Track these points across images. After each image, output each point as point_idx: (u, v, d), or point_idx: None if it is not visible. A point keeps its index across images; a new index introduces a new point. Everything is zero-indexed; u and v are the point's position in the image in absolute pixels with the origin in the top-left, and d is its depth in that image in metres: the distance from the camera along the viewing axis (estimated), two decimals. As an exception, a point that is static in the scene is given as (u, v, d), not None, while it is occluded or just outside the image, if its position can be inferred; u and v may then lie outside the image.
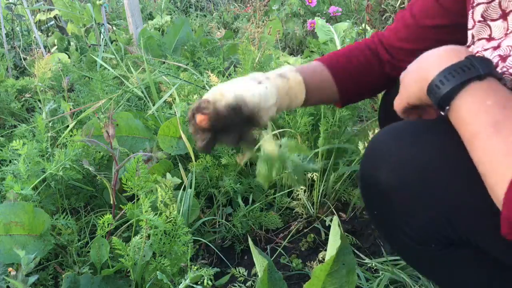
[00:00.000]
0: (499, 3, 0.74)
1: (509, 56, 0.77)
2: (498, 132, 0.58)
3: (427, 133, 0.72)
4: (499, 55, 0.77)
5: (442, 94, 0.64)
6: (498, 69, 0.74)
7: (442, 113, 0.66)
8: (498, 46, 0.78)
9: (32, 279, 0.95)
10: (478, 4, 0.77)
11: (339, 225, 0.80)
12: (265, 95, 0.77)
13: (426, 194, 0.69)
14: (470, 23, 0.79)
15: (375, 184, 0.75)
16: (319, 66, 0.94)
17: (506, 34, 0.74)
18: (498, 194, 0.58)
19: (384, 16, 3.14)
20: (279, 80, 0.82)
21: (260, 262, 0.93)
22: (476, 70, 0.62)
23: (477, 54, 0.80)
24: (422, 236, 0.73)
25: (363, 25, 2.22)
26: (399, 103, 0.75)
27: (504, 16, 0.74)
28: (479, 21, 0.78)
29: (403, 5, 3.07)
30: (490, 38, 0.77)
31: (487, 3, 0.76)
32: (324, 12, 3.43)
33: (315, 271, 0.79)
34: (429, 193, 0.69)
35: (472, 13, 0.78)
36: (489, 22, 0.76)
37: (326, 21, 3.06)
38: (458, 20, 0.83)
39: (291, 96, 0.85)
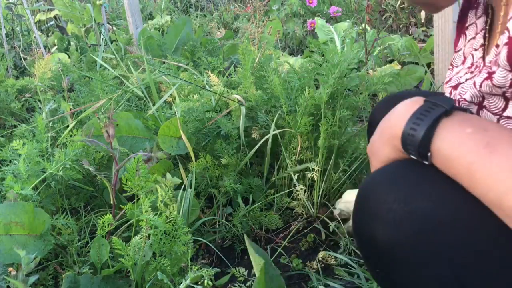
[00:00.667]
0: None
1: (459, 83, 0.79)
2: (494, 151, 0.55)
3: (424, 181, 0.65)
4: (451, 86, 0.79)
5: (419, 140, 0.60)
6: (453, 97, 0.76)
7: (426, 162, 0.61)
8: (449, 80, 0.80)
9: (32, 279, 0.95)
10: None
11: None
12: None
13: (428, 253, 0.62)
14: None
15: (372, 242, 0.67)
16: None
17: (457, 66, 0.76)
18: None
19: (384, 16, 3.14)
20: None
21: (257, 262, 0.92)
22: (441, 107, 0.61)
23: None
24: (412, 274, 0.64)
25: (363, 25, 2.22)
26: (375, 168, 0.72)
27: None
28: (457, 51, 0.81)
29: (403, 5, 3.07)
30: (453, 67, 0.80)
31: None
32: (324, 12, 3.43)
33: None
34: (431, 252, 0.62)
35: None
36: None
37: (326, 21, 3.07)
38: None
39: None
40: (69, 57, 2.66)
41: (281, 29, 3.11)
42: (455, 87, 0.79)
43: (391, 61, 2.63)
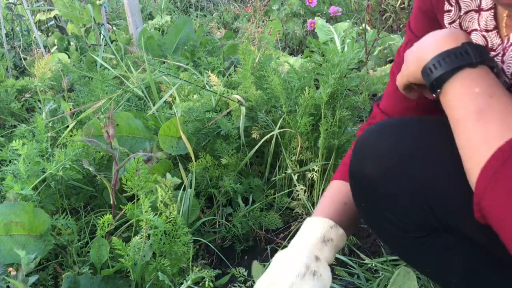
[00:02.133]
0: (460, 24, 0.77)
1: None
2: (479, 120, 0.61)
3: (408, 127, 0.76)
4: None
5: (434, 78, 0.66)
6: None
7: (434, 95, 0.68)
8: None
9: (32, 279, 0.95)
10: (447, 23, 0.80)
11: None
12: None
13: (407, 182, 0.72)
14: None
15: (361, 177, 0.78)
16: (342, 185, 0.92)
17: None
18: (472, 179, 0.60)
19: (384, 16, 3.14)
20: (326, 251, 0.82)
21: (257, 270, 0.92)
22: (469, 57, 0.64)
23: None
24: (406, 224, 0.76)
25: (363, 25, 2.22)
26: (400, 80, 0.77)
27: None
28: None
29: (403, 5, 3.07)
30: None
31: (449, 24, 0.79)
32: (324, 12, 3.43)
33: None
34: (409, 181, 0.72)
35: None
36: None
37: (326, 21, 3.06)
38: None
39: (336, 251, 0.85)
40: (69, 57, 2.65)
41: (281, 29, 3.11)
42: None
43: (391, 61, 2.63)
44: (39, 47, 2.66)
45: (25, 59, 2.72)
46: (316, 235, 0.83)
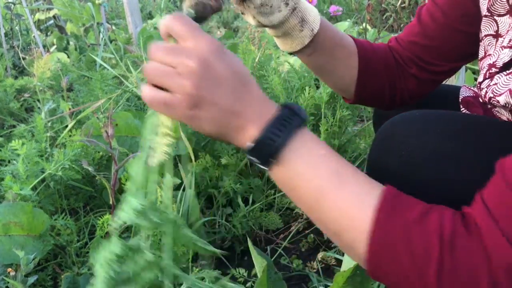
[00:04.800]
0: None
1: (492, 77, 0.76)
2: (343, 182, 0.55)
3: (436, 122, 0.72)
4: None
5: (276, 148, 0.55)
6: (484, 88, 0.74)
7: (264, 167, 0.58)
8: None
9: (32, 279, 0.95)
10: None
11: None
12: None
13: (434, 179, 0.68)
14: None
15: (384, 170, 0.73)
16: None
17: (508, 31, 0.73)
18: (358, 249, 0.54)
19: (384, 16, 3.14)
20: None
21: (260, 263, 0.93)
22: (298, 117, 0.56)
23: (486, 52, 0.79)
24: None
25: (364, 24, 2.22)
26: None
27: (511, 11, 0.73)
28: (485, 16, 0.77)
29: (404, 5, 3.07)
30: (497, 35, 0.76)
31: None
32: (325, 11, 3.43)
33: (336, 277, 0.80)
34: (438, 180, 0.68)
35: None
36: (496, 17, 0.76)
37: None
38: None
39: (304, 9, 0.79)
40: (68, 57, 2.65)
41: (281, 29, 3.10)
42: (490, 78, 0.76)
43: (391, 61, 2.62)
44: (38, 46, 2.65)
45: (24, 58, 2.71)
46: None
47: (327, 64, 0.88)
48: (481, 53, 0.80)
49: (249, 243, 0.93)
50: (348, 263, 0.81)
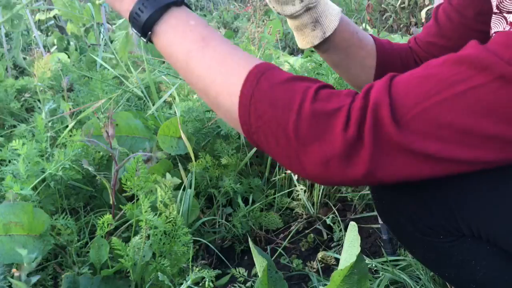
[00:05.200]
0: None
1: None
2: (208, 45, 0.61)
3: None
4: None
5: (144, 20, 0.63)
6: None
7: (144, 40, 0.66)
8: None
9: (34, 279, 0.95)
10: None
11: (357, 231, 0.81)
12: None
13: (434, 188, 0.68)
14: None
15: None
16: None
17: None
18: (225, 102, 0.60)
19: (384, 16, 3.14)
20: None
21: (260, 262, 0.93)
22: None
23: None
24: (431, 227, 0.72)
25: (364, 24, 2.22)
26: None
27: None
28: (495, 13, 0.77)
29: (403, 5, 3.07)
30: None
31: None
32: (324, 11, 3.42)
33: (333, 276, 0.81)
34: (436, 186, 0.68)
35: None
36: (505, 15, 0.76)
37: (326, 21, 3.06)
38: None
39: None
40: (69, 57, 2.65)
41: (281, 29, 3.10)
42: None
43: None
44: (38, 46, 2.65)
45: (24, 58, 2.71)
46: None
47: (342, 62, 0.90)
48: None
49: (250, 243, 0.93)
50: (345, 262, 0.81)
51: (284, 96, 0.55)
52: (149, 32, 0.64)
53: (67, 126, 1.47)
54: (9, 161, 1.30)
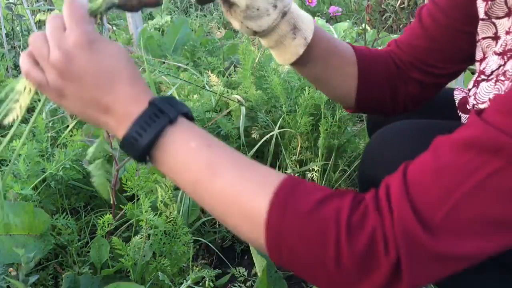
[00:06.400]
0: (505, 0, 0.71)
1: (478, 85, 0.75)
2: (215, 173, 0.55)
3: (423, 132, 0.71)
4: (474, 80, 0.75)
5: (141, 149, 0.56)
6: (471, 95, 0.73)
7: (146, 165, 0.60)
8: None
9: (33, 279, 0.95)
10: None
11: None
12: None
13: None
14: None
15: (373, 185, 0.74)
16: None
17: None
18: (247, 234, 0.55)
19: (384, 16, 3.15)
20: None
21: (260, 262, 0.93)
22: (166, 115, 0.56)
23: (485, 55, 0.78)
24: None
25: (363, 25, 2.22)
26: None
27: (510, 14, 0.72)
28: (482, 19, 0.77)
29: (403, 5, 3.07)
30: (496, 37, 0.75)
31: (491, 0, 0.73)
32: (324, 12, 3.44)
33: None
34: None
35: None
36: (494, 20, 0.75)
37: (326, 21, 3.06)
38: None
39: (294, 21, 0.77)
40: (69, 57, 2.65)
41: (281, 29, 3.10)
42: (476, 85, 0.76)
43: (391, 61, 2.62)
44: (39, 47, 2.65)
45: (25, 59, 2.71)
46: None
47: (322, 74, 0.85)
48: (479, 55, 0.80)
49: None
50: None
51: (316, 229, 0.51)
52: (147, 158, 0.58)
53: (67, 126, 1.47)
54: (10, 161, 1.30)
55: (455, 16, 0.82)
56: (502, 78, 0.67)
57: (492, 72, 0.72)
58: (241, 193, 0.54)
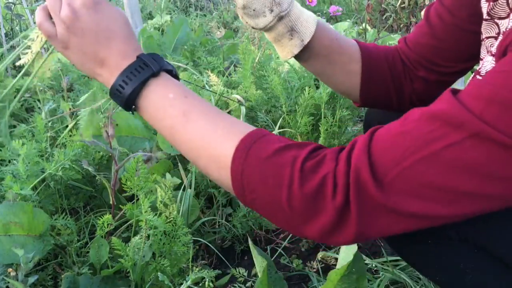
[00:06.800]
0: (507, 1, 0.72)
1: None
2: (188, 120, 0.63)
3: None
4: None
5: (126, 97, 0.65)
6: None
7: (131, 113, 0.69)
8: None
9: (32, 279, 0.95)
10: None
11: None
12: None
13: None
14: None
15: None
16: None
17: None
18: (215, 175, 0.61)
19: (384, 16, 3.14)
20: None
21: (260, 262, 0.93)
22: (150, 68, 0.65)
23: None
24: (420, 231, 0.73)
25: (364, 24, 2.22)
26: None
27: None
28: (485, 19, 0.77)
29: (403, 5, 3.07)
30: (498, 37, 0.75)
31: (494, 0, 0.74)
32: (325, 11, 3.43)
33: (330, 274, 0.81)
34: None
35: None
36: (496, 21, 0.75)
37: (327, 21, 3.06)
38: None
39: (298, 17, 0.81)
40: (69, 57, 2.65)
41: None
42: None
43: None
44: (38, 46, 2.65)
45: (24, 58, 2.71)
46: None
47: (324, 70, 0.88)
48: (483, 54, 0.80)
49: (250, 243, 0.93)
50: (343, 261, 0.82)
51: (273, 172, 0.56)
52: (133, 107, 0.67)
53: (67, 126, 1.47)
54: (9, 161, 1.30)
55: (461, 16, 0.83)
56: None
57: (486, 73, 0.72)
58: (211, 138, 0.61)
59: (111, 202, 1.16)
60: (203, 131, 0.62)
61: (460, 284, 0.75)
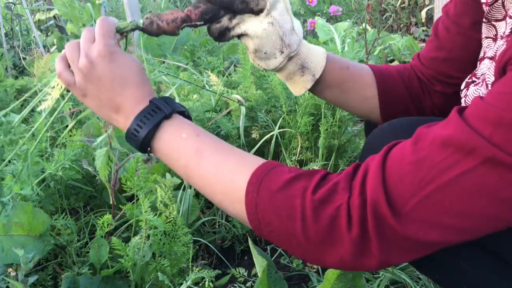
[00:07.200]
0: (502, 3, 0.73)
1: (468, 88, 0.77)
2: (201, 158, 0.65)
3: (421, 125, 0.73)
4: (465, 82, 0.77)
5: (141, 140, 0.68)
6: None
7: (147, 155, 0.73)
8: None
9: (32, 279, 0.95)
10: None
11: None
12: None
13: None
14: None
15: None
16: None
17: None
18: (230, 210, 0.63)
19: (384, 16, 3.14)
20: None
21: (260, 262, 0.93)
22: (162, 111, 0.68)
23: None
24: None
25: (364, 24, 2.22)
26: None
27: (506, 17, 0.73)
28: (484, 22, 0.78)
29: (403, 5, 3.07)
30: (495, 38, 0.76)
31: (489, 5, 0.75)
32: (325, 11, 3.43)
33: (327, 273, 0.82)
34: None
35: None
36: (493, 23, 0.76)
37: (327, 21, 3.06)
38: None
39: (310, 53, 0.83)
40: (69, 57, 2.64)
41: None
42: (467, 88, 0.78)
43: (391, 61, 2.63)
44: (38, 46, 2.65)
45: (24, 59, 2.71)
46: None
47: (339, 98, 0.91)
48: (481, 55, 0.81)
49: (250, 243, 0.93)
50: None
51: (284, 204, 0.57)
52: (148, 149, 0.70)
53: (67, 126, 1.47)
54: (9, 161, 1.30)
55: (464, 24, 0.84)
56: (481, 81, 0.71)
57: (482, 75, 0.73)
58: (223, 173, 0.63)
59: (111, 202, 1.16)
60: (215, 167, 0.64)
61: (461, 282, 0.76)
